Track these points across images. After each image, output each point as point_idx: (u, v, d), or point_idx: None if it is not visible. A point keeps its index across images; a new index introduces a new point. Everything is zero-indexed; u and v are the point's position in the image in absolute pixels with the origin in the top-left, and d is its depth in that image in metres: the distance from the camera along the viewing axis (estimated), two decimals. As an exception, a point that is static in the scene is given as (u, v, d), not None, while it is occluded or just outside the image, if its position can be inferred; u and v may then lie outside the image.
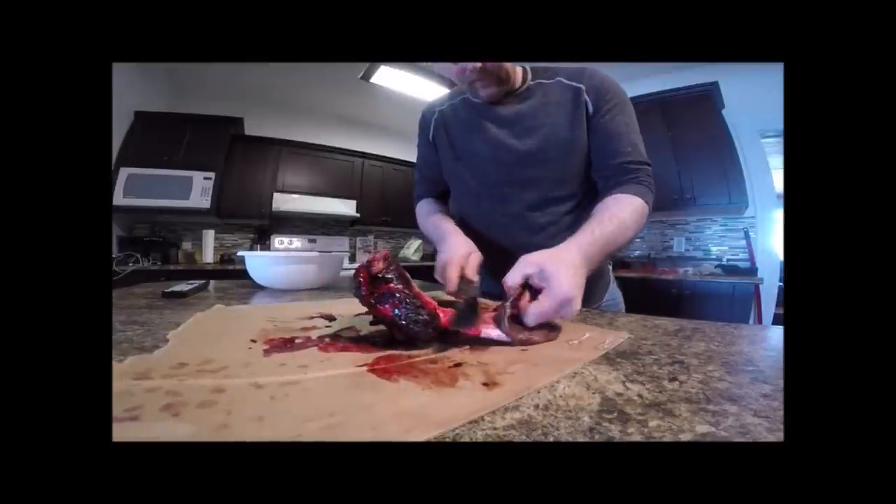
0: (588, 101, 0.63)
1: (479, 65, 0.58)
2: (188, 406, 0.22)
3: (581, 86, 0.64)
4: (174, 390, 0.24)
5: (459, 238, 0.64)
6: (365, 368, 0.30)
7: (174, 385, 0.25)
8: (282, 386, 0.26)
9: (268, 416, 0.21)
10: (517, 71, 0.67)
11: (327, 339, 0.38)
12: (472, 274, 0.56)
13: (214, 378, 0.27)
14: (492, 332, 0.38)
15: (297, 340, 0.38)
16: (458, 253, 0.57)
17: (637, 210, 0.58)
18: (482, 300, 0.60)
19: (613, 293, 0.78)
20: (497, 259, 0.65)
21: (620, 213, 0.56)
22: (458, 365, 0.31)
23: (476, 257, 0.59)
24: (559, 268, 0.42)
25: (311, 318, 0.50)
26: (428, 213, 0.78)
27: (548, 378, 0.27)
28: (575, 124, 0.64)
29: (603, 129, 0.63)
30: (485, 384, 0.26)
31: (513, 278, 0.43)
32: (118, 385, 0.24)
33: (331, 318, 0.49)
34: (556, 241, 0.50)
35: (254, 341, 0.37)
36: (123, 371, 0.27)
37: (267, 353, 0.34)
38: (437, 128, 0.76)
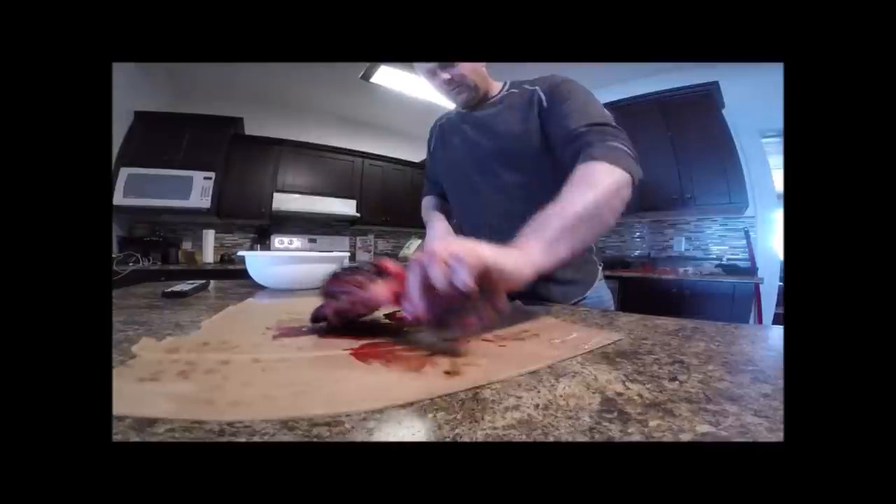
0: (542, 97, 0.71)
1: (447, 76, 0.72)
2: (197, 372, 0.27)
3: (535, 87, 0.73)
4: (191, 361, 0.29)
5: (442, 224, 0.89)
6: (349, 352, 0.33)
7: (193, 357, 0.30)
8: (275, 362, 0.30)
9: (253, 382, 0.25)
10: (494, 83, 0.80)
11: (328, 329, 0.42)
12: None
13: (225, 353, 0.32)
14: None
15: (303, 329, 0.42)
16: (438, 238, 0.75)
17: (611, 179, 0.52)
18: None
19: (598, 291, 0.79)
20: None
21: (586, 187, 0.51)
22: (431, 354, 0.32)
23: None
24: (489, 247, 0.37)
25: None
26: (426, 207, 1.01)
27: (508, 373, 0.28)
28: (528, 119, 0.72)
29: (558, 110, 0.68)
30: (447, 372, 0.28)
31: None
32: (153, 356, 0.31)
33: None
34: (515, 223, 0.47)
35: (269, 328, 0.42)
36: (161, 347, 0.33)
37: (276, 337, 0.38)
38: (436, 138, 0.94)
